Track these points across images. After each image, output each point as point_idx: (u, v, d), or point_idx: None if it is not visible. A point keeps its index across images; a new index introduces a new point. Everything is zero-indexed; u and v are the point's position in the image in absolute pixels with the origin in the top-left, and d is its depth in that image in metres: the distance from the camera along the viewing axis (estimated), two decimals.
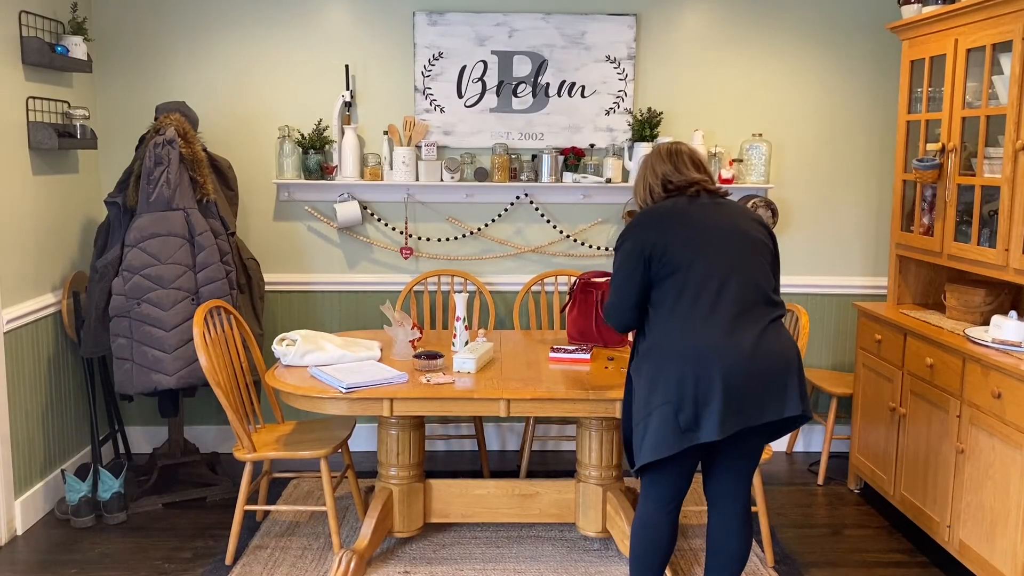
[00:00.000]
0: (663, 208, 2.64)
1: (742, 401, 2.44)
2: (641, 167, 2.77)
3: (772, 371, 2.47)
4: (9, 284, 3.54)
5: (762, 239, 2.63)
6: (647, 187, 2.71)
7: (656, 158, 2.73)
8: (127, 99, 4.31)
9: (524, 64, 4.31)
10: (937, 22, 3.54)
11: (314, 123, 4.30)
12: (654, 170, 2.71)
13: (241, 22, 4.28)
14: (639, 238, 2.57)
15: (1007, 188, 3.09)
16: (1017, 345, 3.01)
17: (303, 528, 3.66)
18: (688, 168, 2.69)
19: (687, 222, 2.58)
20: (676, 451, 2.45)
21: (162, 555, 3.43)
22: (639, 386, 2.56)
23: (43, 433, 3.80)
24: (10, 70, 3.55)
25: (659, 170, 2.69)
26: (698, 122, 4.37)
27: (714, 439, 2.41)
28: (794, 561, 3.41)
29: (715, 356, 2.42)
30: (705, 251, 2.52)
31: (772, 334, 2.51)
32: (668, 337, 2.50)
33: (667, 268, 2.52)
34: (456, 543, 3.51)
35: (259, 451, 3.26)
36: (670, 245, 2.52)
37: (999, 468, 2.93)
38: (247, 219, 4.39)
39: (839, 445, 4.47)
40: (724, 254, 2.53)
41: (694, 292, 2.49)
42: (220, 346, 3.29)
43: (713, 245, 2.54)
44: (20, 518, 3.61)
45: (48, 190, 3.85)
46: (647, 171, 2.73)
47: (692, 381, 2.43)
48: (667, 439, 2.45)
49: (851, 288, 4.54)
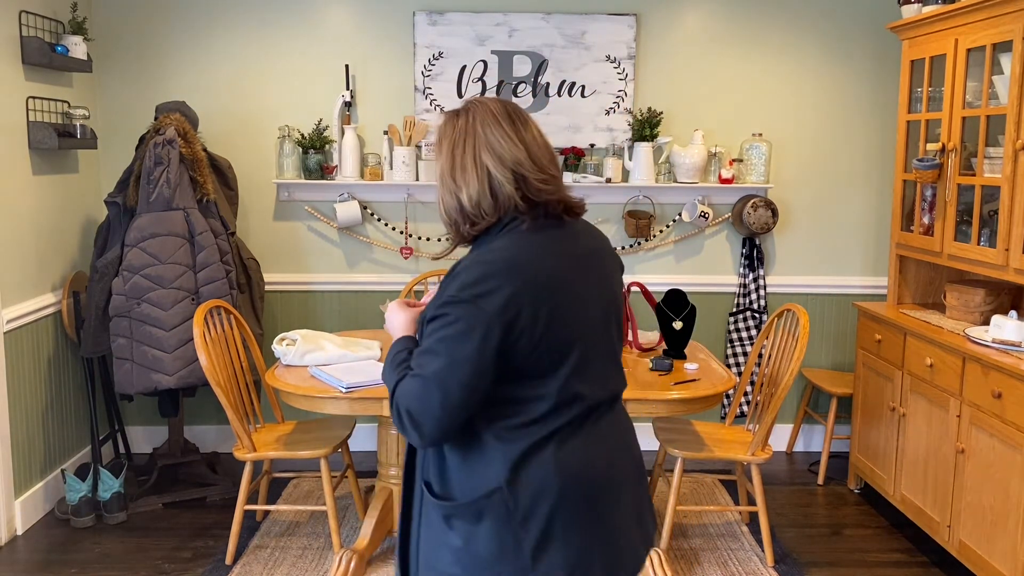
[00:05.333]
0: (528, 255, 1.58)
1: (624, 548, 1.69)
2: (459, 133, 1.63)
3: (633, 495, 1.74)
4: (9, 284, 3.54)
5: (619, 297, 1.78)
6: (486, 181, 1.60)
7: (494, 127, 1.61)
8: (127, 99, 4.31)
9: (524, 64, 4.31)
10: (937, 22, 3.54)
11: (314, 123, 4.30)
12: (496, 152, 1.60)
13: (241, 22, 4.28)
14: (504, 312, 1.53)
15: (1007, 188, 3.09)
16: (1017, 345, 3.01)
17: (303, 528, 3.66)
18: (551, 161, 1.67)
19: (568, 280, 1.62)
20: None
21: (162, 555, 3.43)
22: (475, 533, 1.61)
23: (43, 433, 3.79)
24: (10, 70, 3.55)
25: (509, 155, 1.60)
26: (698, 122, 4.37)
27: None
28: (794, 561, 3.41)
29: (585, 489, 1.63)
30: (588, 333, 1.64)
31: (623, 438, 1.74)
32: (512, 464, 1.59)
33: (537, 363, 1.58)
34: None
35: (259, 451, 3.26)
36: (551, 326, 1.57)
37: (999, 468, 2.93)
38: (247, 219, 4.39)
39: (839, 445, 4.47)
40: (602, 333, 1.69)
41: (569, 395, 1.61)
42: (220, 346, 3.29)
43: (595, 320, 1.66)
44: (20, 518, 3.61)
45: (48, 190, 3.85)
46: (480, 148, 1.60)
47: (561, 530, 1.60)
48: None
49: (851, 288, 4.53)
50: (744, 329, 4.47)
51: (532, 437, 1.59)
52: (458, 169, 1.61)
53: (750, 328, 4.47)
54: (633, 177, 4.27)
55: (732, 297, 4.52)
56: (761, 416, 3.39)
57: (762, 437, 3.23)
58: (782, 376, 3.29)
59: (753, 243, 4.43)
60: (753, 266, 4.44)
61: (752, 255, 4.43)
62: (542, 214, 1.63)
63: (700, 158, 4.24)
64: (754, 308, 4.45)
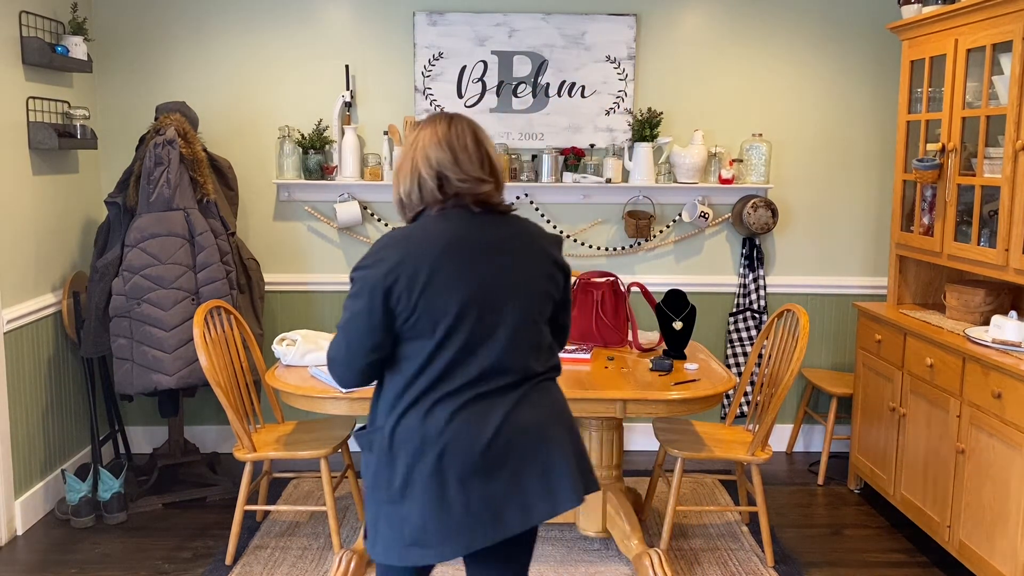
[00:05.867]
0: (422, 235, 1.92)
1: (491, 508, 1.89)
2: (409, 141, 2.00)
3: (528, 459, 1.92)
4: (9, 284, 3.54)
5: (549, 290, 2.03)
6: (416, 180, 1.96)
7: (430, 134, 1.97)
8: (127, 99, 4.31)
9: (524, 64, 4.31)
10: (937, 22, 3.54)
11: (314, 123, 4.30)
12: (427, 155, 1.95)
13: (241, 22, 4.28)
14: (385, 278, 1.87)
15: (1007, 188, 3.09)
16: (1017, 345, 3.01)
17: (303, 528, 3.66)
18: (471, 162, 1.96)
19: (454, 260, 1.90)
20: (410, 564, 1.94)
21: (162, 555, 3.43)
22: (369, 461, 2.00)
23: (43, 433, 3.79)
24: (10, 70, 3.55)
25: (434, 157, 1.94)
26: (698, 122, 4.37)
27: (442, 561, 1.90)
28: (794, 561, 3.41)
29: (452, 449, 1.88)
30: (471, 307, 1.89)
31: (529, 409, 1.95)
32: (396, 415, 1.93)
33: (417, 326, 1.89)
34: None
35: (259, 451, 3.26)
36: (426, 294, 1.87)
37: (999, 468, 2.93)
38: (247, 219, 4.39)
39: (839, 445, 4.47)
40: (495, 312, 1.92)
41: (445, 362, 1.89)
42: (220, 346, 3.29)
43: (484, 298, 1.91)
44: (20, 518, 3.61)
45: (48, 190, 3.85)
46: (417, 153, 1.96)
47: (422, 481, 1.88)
48: (395, 547, 1.92)
49: (851, 288, 4.54)
50: (744, 329, 4.47)
51: (411, 394, 1.91)
52: (401, 169, 2.00)
53: (750, 328, 4.47)
54: (633, 177, 4.27)
55: (732, 297, 4.52)
56: (761, 416, 3.39)
57: (762, 437, 3.23)
58: (782, 376, 3.29)
59: (753, 243, 4.43)
60: (753, 266, 4.44)
61: (752, 255, 4.43)
62: (451, 205, 1.95)
63: (700, 158, 4.24)
64: (754, 308, 4.45)
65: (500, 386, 1.93)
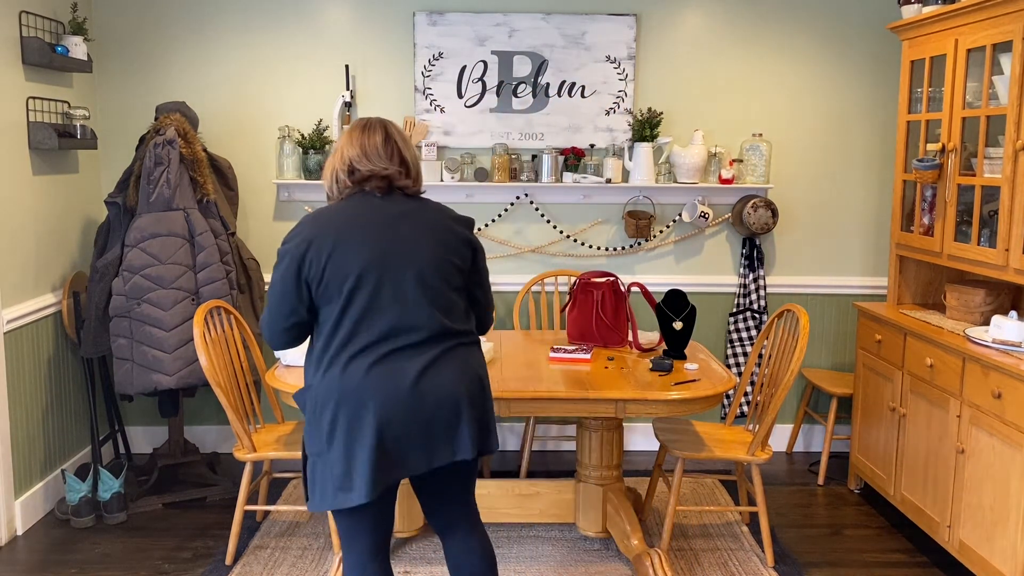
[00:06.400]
0: (331, 212, 2.25)
1: (399, 451, 2.16)
2: (335, 146, 2.32)
3: (437, 410, 2.18)
4: (9, 284, 3.54)
5: (453, 259, 2.27)
6: (333, 174, 2.30)
7: (348, 137, 2.30)
8: (127, 99, 4.31)
9: (524, 64, 4.31)
10: (937, 22, 3.54)
11: (314, 123, 4.30)
12: (342, 153, 2.28)
13: (241, 22, 4.29)
14: (298, 248, 2.19)
15: (1007, 188, 3.09)
16: (1017, 345, 3.01)
17: (303, 528, 3.66)
18: (378, 155, 2.26)
19: (357, 230, 2.20)
20: (337, 508, 2.18)
21: (162, 555, 3.44)
22: (305, 419, 2.27)
23: (43, 433, 3.80)
24: (10, 70, 3.55)
25: (347, 154, 2.27)
26: (698, 122, 4.37)
27: (363, 501, 2.13)
28: (794, 561, 3.41)
29: (367, 399, 2.14)
30: (371, 270, 2.17)
31: (442, 366, 2.20)
32: (321, 372, 2.20)
33: (327, 290, 2.18)
34: None
35: (259, 451, 3.26)
36: (332, 260, 2.16)
37: (999, 468, 2.93)
38: (247, 219, 4.39)
39: (839, 445, 4.48)
40: (396, 274, 2.19)
41: (353, 321, 2.17)
42: (220, 346, 3.29)
43: (385, 262, 2.19)
44: (20, 518, 3.61)
45: (48, 190, 3.85)
46: (335, 154, 2.31)
47: (343, 430, 2.14)
48: (328, 494, 2.18)
49: (851, 288, 4.54)
50: (744, 329, 4.47)
51: (330, 352, 2.19)
52: (327, 168, 2.33)
53: (750, 328, 4.47)
54: (633, 177, 4.27)
55: (732, 297, 4.52)
56: (761, 416, 3.39)
57: (762, 437, 3.23)
58: (782, 376, 3.29)
59: (753, 243, 4.43)
60: (753, 266, 4.44)
61: (752, 255, 4.43)
62: (359, 191, 2.28)
63: (700, 158, 4.24)
64: (754, 308, 4.45)
65: (412, 343, 2.19)
